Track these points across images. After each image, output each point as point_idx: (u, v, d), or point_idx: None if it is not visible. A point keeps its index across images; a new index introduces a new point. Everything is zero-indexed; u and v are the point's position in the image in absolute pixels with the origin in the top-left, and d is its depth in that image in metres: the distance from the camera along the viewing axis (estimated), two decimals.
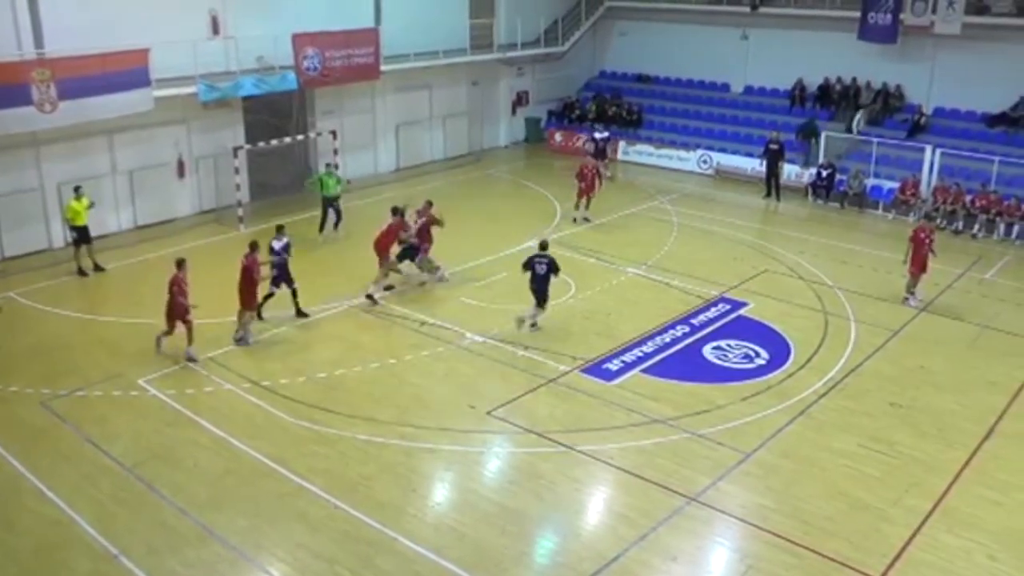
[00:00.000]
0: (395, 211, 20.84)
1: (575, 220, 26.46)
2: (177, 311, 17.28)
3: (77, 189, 22.30)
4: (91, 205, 22.41)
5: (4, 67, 21.05)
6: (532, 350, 18.05)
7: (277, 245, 19.04)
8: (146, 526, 12.61)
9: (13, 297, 20.66)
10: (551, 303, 19.21)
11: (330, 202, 25.18)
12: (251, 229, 25.39)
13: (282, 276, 19.12)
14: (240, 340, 18.21)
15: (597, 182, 26.82)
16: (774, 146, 30.13)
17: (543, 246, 19.25)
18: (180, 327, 17.46)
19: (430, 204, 21.60)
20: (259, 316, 18.91)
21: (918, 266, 20.59)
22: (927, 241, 20.51)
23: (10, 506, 13.08)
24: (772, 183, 30.27)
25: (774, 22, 34.42)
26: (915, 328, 19.69)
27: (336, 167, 26.04)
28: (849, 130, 30.98)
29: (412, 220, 21.32)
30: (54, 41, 22.52)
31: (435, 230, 21.40)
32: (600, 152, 31.78)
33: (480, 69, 35.22)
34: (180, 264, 17.39)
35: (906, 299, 20.77)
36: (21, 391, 16.25)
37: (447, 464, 14.38)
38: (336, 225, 25.31)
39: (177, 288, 17.21)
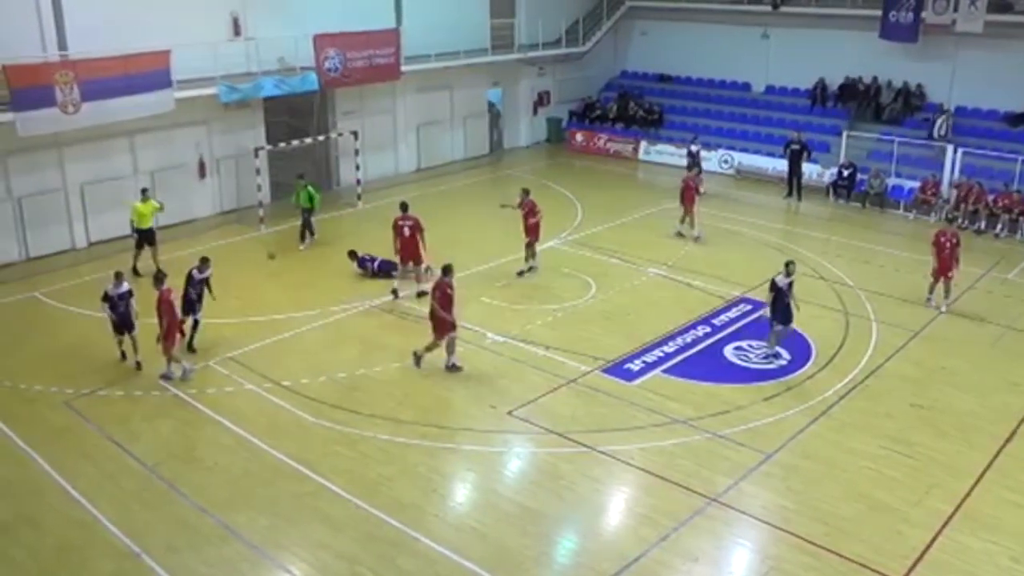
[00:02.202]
0: (404, 206, 20.68)
1: (680, 234, 25.49)
2: (172, 330, 16.64)
3: (144, 191, 22.38)
4: (160, 208, 22.34)
5: (28, 69, 21.28)
6: (553, 350, 18.07)
7: (198, 276, 18.10)
8: (167, 525, 12.72)
9: (38, 297, 20.90)
10: (572, 303, 19.18)
11: (306, 213, 24.49)
12: (272, 229, 25.63)
13: (196, 304, 18.03)
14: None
15: (696, 197, 25.52)
16: (795, 146, 30.01)
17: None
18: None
19: (527, 192, 21.41)
20: (191, 348, 17.99)
21: (942, 270, 20.38)
22: (947, 245, 20.26)
23: (35, 505, 13.22)
24: (793, 183, 30.16)
25: (795, 21, 34.29)
26: (937, 329, 19.58)
27: (302, 177, 24.94)
28: (931, 136, 30.07)
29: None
30: (77, 43, 22.75)
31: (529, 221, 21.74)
32: (695, 165, 30.56)
33: (501, 69, 35.27)
34: (161, 279, 16.80)
35: (928, 300, 20.65)
36: (45, 390, 16.41)
37: (468, 464, 14.42)
38: (303, 238, 24.45)
39: (167, 307, 16.48)
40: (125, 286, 17.29)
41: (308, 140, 27.72)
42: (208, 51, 24.59)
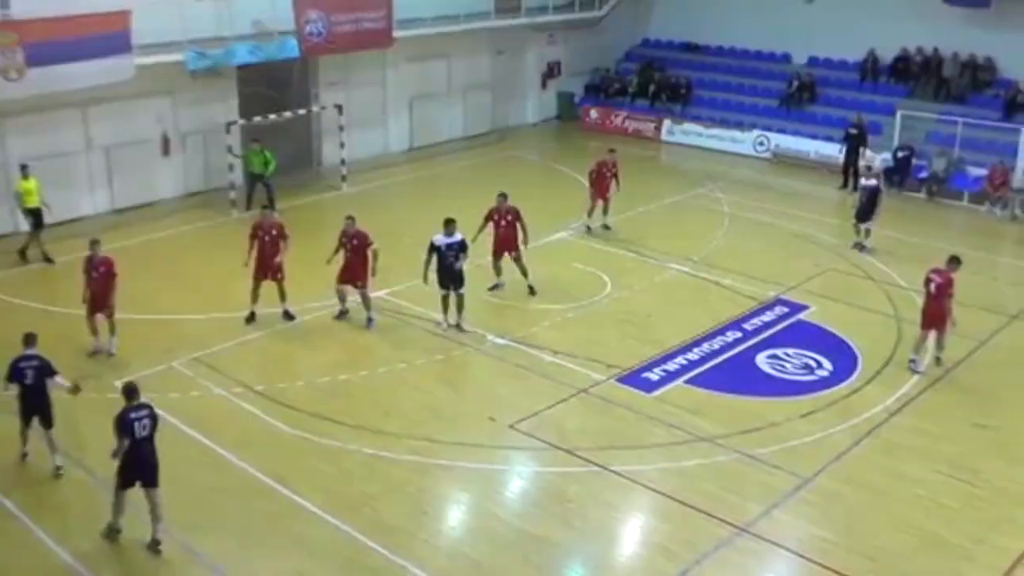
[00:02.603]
0: (350, 218, 19.69)
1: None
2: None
3: (24, 167, 22.55)
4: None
5: None
6: (561, 356, 18.14)
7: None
8: (121, 547, 12.74)
9: None
10: (584, 303, 19.23)
11: (255, 180, 25.98)
12: (245, 214, 25.65)
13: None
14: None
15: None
16: (854, 130, 30.00)
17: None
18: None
19: (505, 196, 20.79)
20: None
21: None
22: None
23: None
24: (849, 172, 30.13)
25: None
26: (1006, 337, 19.58)
27: (257, 142, 26.26)
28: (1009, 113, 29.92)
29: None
30: (23, 1, 22.74)
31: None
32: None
33: (506, 36, 35.34)
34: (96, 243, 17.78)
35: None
36: None
37: (463, 483, 14.47)
38: (271, 204, 24.83)
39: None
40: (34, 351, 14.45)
41: (287, 114, 27.78)
42: (174, 12, 24.56)
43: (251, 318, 19.32)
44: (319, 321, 19.60)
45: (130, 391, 12.58)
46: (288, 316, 19.47)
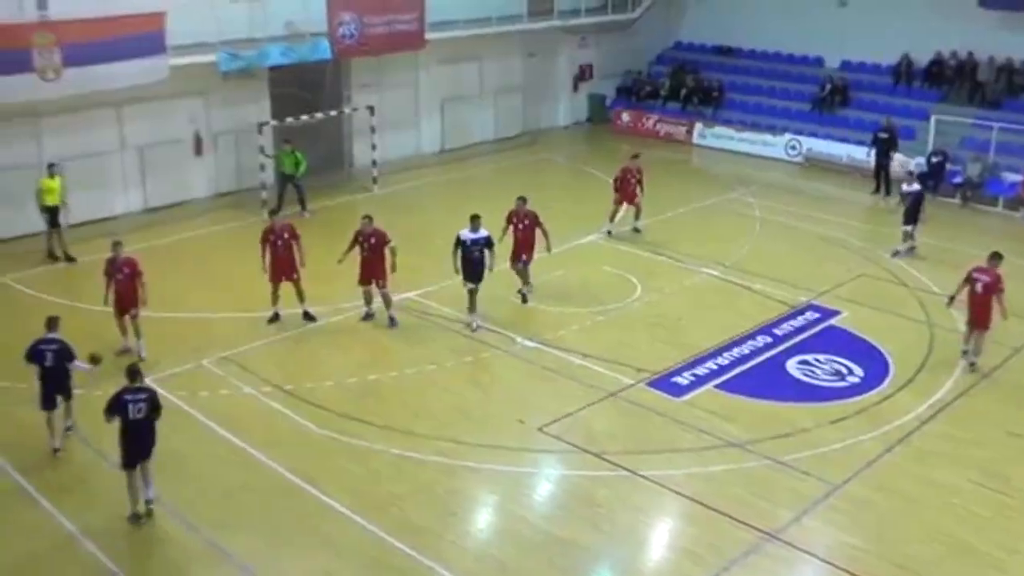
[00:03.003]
0: (367, 218, 19.71)
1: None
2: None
3: (52, 166, 22.74)
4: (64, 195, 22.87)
5: (3, 29, 21.54)
6: (591, 359, 18.11)
7: None
8: (151, 543, 12.90)
9: (7, 283, 21.22)
10: (614, 306, 19.20)
11: (287, 180, 26.08)
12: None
13: None
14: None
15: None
16: (884, 134, 29.80)
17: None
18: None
19: (524, 200, 20.76)
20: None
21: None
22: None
23: None
24: (881, 176, 29.93)
25: None
26: None
27: (288, 143, 26.35)
28: None
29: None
30: (60, 1, 22.99)
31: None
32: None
33: (538, 39, 35.36)
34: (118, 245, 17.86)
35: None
36: (13, 386, 16.54)
37: (491, 485, 14.48)
38: (302, 204, 26.00)
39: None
40: (55, 335, 14.90)
41: (319, 115, 27.90)
42: (208, 13, 24.80)
43: (274, 319, 19.42)
44: (349, 322, 19.66)
45: (132, 373, 12.98)
46: (308, 317, 19.53)
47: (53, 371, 14.57)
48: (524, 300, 20.66)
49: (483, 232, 19.09)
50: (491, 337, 19.01)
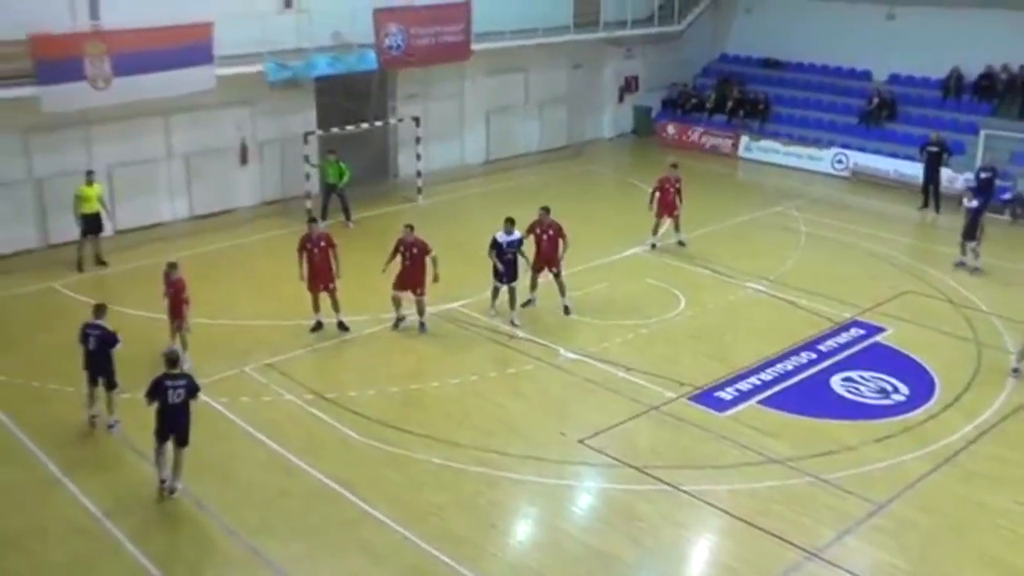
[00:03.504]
0: (409, 227, 19.74)
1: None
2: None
3: (90, 173, 23.02)
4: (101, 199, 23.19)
5: (56, 39, 21.94)
6: (634, 372, 18.08)
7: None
8: (191, 546, 13.04)
9: (56, 288, 21.54)
10: (657, 319, 19.15)
11: (330, 190, 26.36)
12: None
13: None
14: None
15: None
16: (933, 148, 29.52)
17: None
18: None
19: (547, 210, 20.71)
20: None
21: None
22: None
23: (44, 513, 13.64)
24: (929, 191, 29.64)
25: None
26: None
27: (332, 153, 26.64)
28: None
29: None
30: (110, 12, 23.37)
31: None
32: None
33: (583, 50, 35.39)
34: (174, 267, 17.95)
35: None
36: (61, 389, 16.88)
37: (532, 497, 14.49)
38: (346, 214, 26.31)
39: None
40: (101, 321, 15.75)
41: (364, 125, 28.09)
42: (255, 24, 25.03)
43: (317, 327, 19.55)
44: (391, 331, 19.73)
45: (171, 360, 13.84)
46: (342, 327, 19.60)
47: (95, 354, 15.54)
48: (567, 312, 20.67)
49: (516, 234, 19.83)
50: (534, 348, 19.02)
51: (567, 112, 36.22)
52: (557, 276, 20.63)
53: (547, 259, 20.57)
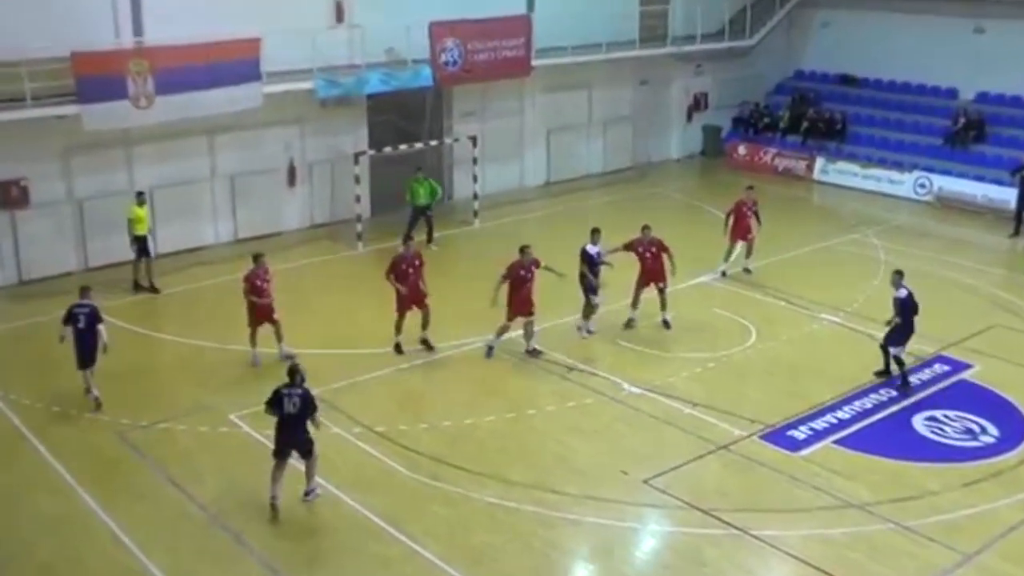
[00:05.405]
0: (527, 247, 20.17)
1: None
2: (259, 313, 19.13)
3: (140, 194, 23.53)
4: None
5: (98, 56, 22.52)
6: (702, 408, 18.01)
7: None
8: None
9: None
10: (727, 352, 19.06)
11: (420, 212, 26.46)
12: (371, 248, 26.16)
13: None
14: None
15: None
16: None
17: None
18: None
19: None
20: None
21: None
22: None
23: (80, 544, 13.89)
24: (1022, 217, 29.29)
25: (1018, 11, 33.45)
26: None
27: (420, 171, 26.94)
28: None
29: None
30: (155, 28, 23.91)
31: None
32: None
33: (650, 66, 35.47)
34: (256, 258, 19.42)
35: None
36: (97, 418, 17.19)
37: (592, 540, 14.45)
38: (429, 238, 26.44)
39: (248, 286, 19.01)
40: (88, 300, 17.61)
41: (418, 145, 28.32)
42: (305, 40, 25.32)
43: (398, 349, 20.03)
44: (446, 362, 19.89)
45: (291, 373, 14.74)
46: (427, 346, 20.07)
47: (85, 332, 17.12)
48: (667, 326, 21.46)
49: (601, 246, 21.06)
50: (595, 382, 19.01)
51: (632, 131, 36.28)
52: (662, 291, 21.40)
53: (652, 275, 21.35)
